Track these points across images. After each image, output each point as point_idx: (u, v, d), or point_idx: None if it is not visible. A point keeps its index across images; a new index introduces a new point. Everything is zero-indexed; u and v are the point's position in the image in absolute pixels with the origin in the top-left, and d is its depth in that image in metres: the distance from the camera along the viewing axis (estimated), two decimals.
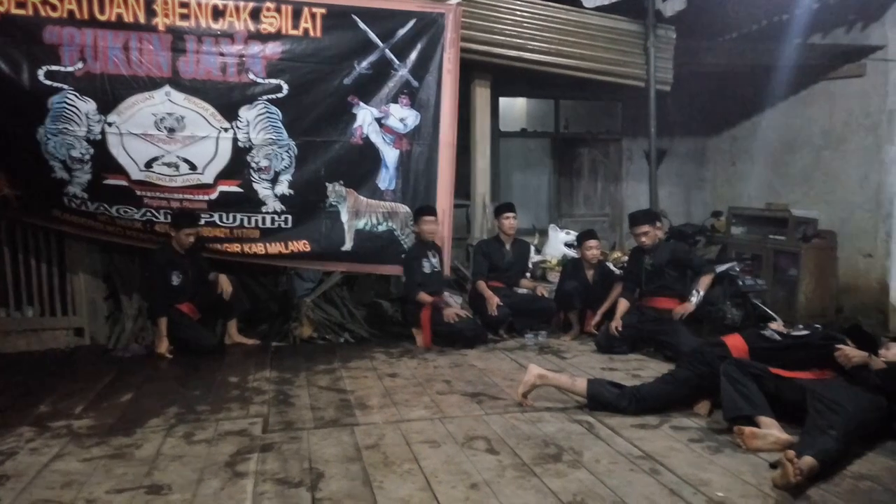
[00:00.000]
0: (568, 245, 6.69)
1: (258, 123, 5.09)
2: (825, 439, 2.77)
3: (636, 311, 5.00)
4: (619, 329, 4.86)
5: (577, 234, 6.14)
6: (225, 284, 5.09)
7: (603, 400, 3.53)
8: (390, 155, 5.46)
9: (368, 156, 5.38)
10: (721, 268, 5.58)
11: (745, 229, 7.62)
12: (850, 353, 3.14)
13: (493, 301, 5.22)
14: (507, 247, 5.62)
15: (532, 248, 6.31)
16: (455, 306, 5.28)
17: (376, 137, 5.38)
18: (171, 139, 4.87)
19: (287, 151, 5.17)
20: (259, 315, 5.59)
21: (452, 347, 5.02)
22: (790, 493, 2.54)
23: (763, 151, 7.68)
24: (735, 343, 3.55)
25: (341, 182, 5.31)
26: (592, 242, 5.52)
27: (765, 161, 7.66)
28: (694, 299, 4.82)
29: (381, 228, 5.47)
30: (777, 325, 3.89)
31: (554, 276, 6.24)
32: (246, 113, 5.03)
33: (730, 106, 8.03)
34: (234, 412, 3.59)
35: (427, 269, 5.30)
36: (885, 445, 3.04)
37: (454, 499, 2.52)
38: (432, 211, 5.40)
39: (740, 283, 5.56)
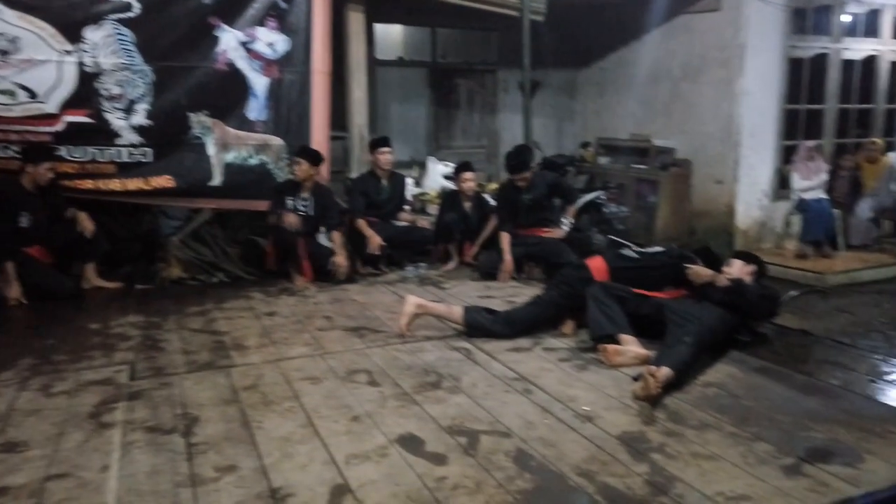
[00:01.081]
0: (446, 177, 6.73)
1: (107, 46, 4.64)
2: (679, 348, 3.03)
3: (517, 240, 5.14)
4: (510, 266, 4.98)
5: (455, 165, 6.17)
6: (85, 222, 4.66)
7: (479, 325, 3.66)
8: (259, 83, 5.17)
9: (235, 83, 5.06)
10: (588, 196, 5.85)
11: (611, 159, 8.00)
12: (699, 271, 3.42)
13: (375, 241, 5.17)
14: (384, 181, 5.55)
15: (410, 181, 6.28)
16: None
17: (243, 63, 5.06)
18: (4, 63, 4.33)
19: (142, 78, 4.76)
20: (120, 256, 5.21)
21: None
22: (649, 403, 2.77)
23: (628, 83, 7.98)
24: (597, 264, 3.76)
25: (206, 112, 4.99)
26: (468, 175, 5.57)
27: (630, 93, 7.97)
28: (564, 227, 5.05)
29: (253, 162, 5.23)
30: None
31: (433, 209, 6.27)
32: (92, 34, 4.56)
33: (599, 38, 8.24)
34: (97, 360, 3.37)
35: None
36: (730, 355, 3.36)
37: (336, 432, 2.54)
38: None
39: (605, 210, 5.87)
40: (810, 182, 6.65)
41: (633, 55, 7.88)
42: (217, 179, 5.12)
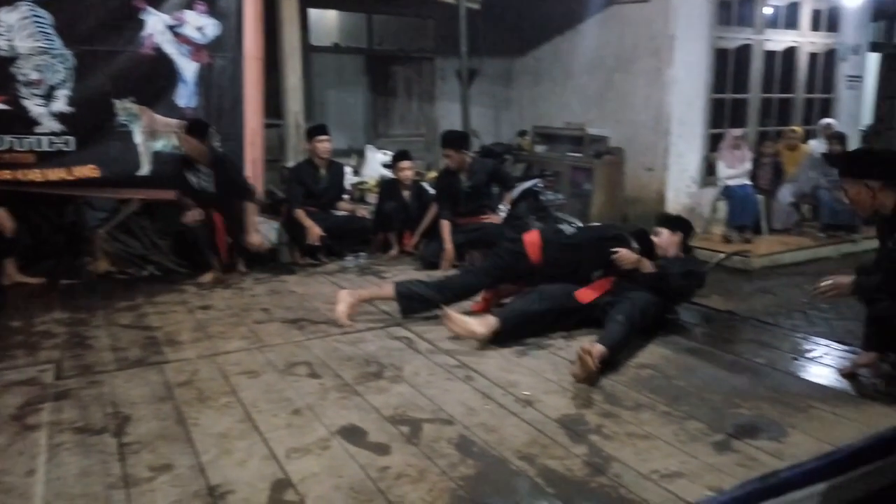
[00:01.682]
0: (386, 166, 6.68)
1: (23, 28, 4.38)
2: (613, 326, 3.13)
3: (457, 228, 5.15)
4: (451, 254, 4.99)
5: (394, 154, 6.13)
6: (4, 220, 4.39)
7: (411, 294, 3.68)
8: (188, 68, 4.99)
9: (162, 69, 4.87)
10: (526, 184, 5.93)
11: (548, 147, 8.12)
12: (624, 256, 3.51)
13: (315, 231, 5.08)
14: (322, 170, 5.45)
15: (349, 170, 6.20)
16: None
17: (170, 48, 4.87)
18: None
19: (62, 62, 4.52)
20: (42, 250, 4.97)
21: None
22: (589, 383, 2.83)
23: (563, 73, 8.11)
24: (531, 238, 3.77)
25: (132, 98, 4.79)
26: (405, 163, 5.55)
27: (565, 82, 8.10)
28: (501, 214, 5.11)
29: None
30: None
31: (372, 198, 6.23)
32: (6, 16, 4.31)
33: (535, 28, 8.32)
34: (20, 360, 3.21)
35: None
36: (662, 338, 3.48)
37: (276, 426, 2.49)
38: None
39: (542, 197, 5.97)
40: (735, 170, 6.93)
41: (568, 45, 8.00)
42: (145, 168, 4.92)
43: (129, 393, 2.81)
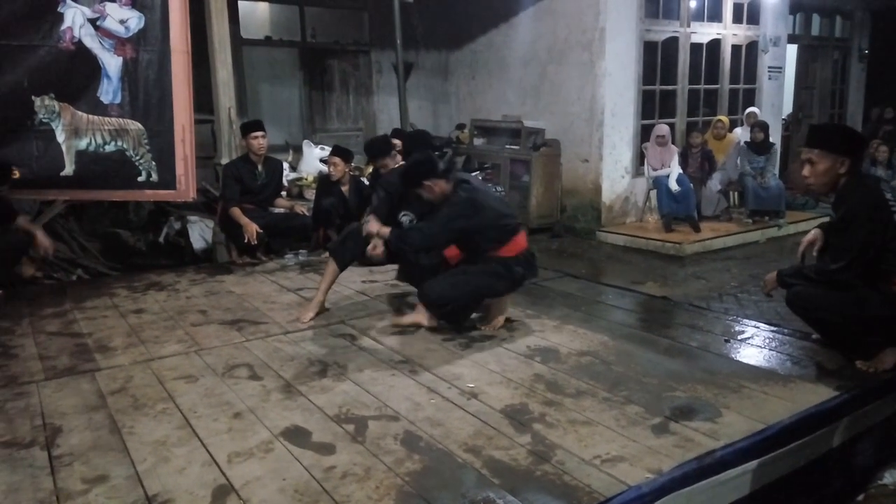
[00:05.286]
0: (323, 161, 6.59)
1: None
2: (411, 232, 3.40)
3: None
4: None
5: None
6: None
7: (348, 254, 3.79)
8: (112, 63, 4.79)
9: (84, 64, 4.67)
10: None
11: (486, 140, 8.17)
12: (371, 227, 3.53)
13: (251, 228, 4.95)
14: (259, 167, 5.33)
15: (286, 166, 6.09)
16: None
17: (92, 42, 4.67)
18: None
19: None
20: None
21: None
22: (525, 375, 2.88)
23: (499, 65, 8.17)
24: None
25: (52, 95, 4.58)
26: (335, 159, 5.47)
27: (501, 75, 8.16)
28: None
29: (110, 148, 4.85)
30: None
31: (310, 194, 6.13)
32: None
33: (470, 20, 8.34)
34: None
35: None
36: (601, 325, 3.57)
37: (216, 431, 2.43)
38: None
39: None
40: (661, 171, 7.07)
41: (503, 38, 8.06)
42: (69, 168, 4.71)
43: (58, 403, 2.69)
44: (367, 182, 5.85)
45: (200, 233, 5.55)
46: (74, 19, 4.60)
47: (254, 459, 2.23)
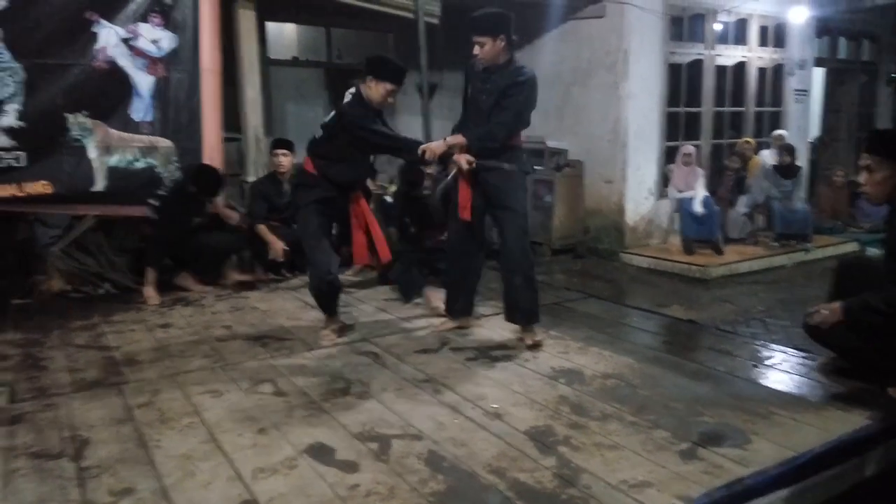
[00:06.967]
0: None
1: None
2: None
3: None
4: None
5: None
6: None
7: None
8: (144, 82, 4.89)
9: (117, 82, 4.76)
10: None
11: None
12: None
13: (278, 246, 4.99)
14: (285, 185, 5.38)
15: None
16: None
17: (125, 61, 4.77)
18: None
19: (12, 76, 4.38)
20: None
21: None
22: (549, 396, 2.86)
23: None
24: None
25: (85, 112, 4.66)
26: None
27: None
28: None
29: (139, 165, 4.93)
30: None
31: None
32: None
33: None
34: None
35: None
36: (625, 347, 3.53)
37: (241, 446, 2.44)
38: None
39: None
40: (686, 193, 7.00)
41: (526, 59, 7.98)
42: (100, 184, 4.79)
43: (87, 415, 2.72)
44: (390, 201, 5.89)
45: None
46: (108, 39, 4.71)
47: (278, 475, 2.24)
